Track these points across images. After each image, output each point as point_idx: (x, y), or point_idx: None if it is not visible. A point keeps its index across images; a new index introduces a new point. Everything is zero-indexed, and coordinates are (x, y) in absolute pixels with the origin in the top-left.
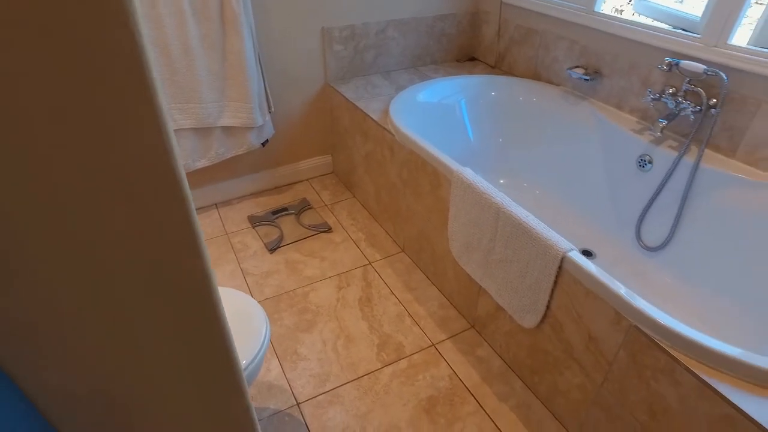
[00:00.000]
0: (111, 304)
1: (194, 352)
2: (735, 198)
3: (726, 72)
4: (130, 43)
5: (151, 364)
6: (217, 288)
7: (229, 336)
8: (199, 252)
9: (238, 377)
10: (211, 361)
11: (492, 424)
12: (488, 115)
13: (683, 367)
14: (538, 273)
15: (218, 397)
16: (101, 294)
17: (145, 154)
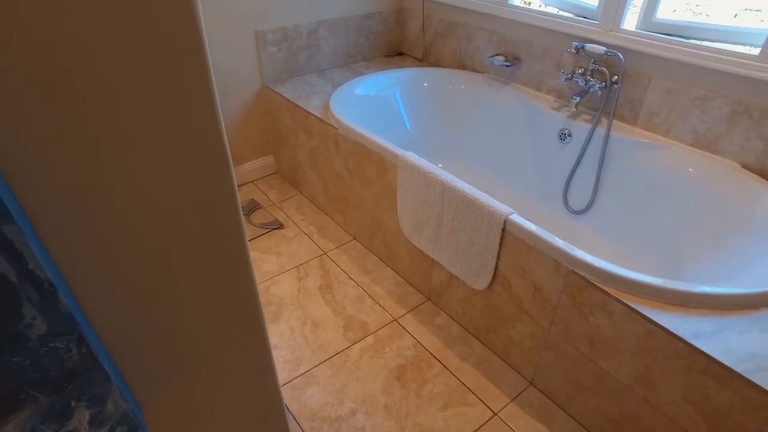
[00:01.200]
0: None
1: (230, 296)
2: (641, 159)
3: (622, 52)
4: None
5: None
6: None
7: (256, 287)
8: (236, 208)
9: (263, 329)
10: (242, 303)
11: (457, 381)
12: (422, 104)
13: (614, 299)
14: (485, 238)
15: (249, 346)
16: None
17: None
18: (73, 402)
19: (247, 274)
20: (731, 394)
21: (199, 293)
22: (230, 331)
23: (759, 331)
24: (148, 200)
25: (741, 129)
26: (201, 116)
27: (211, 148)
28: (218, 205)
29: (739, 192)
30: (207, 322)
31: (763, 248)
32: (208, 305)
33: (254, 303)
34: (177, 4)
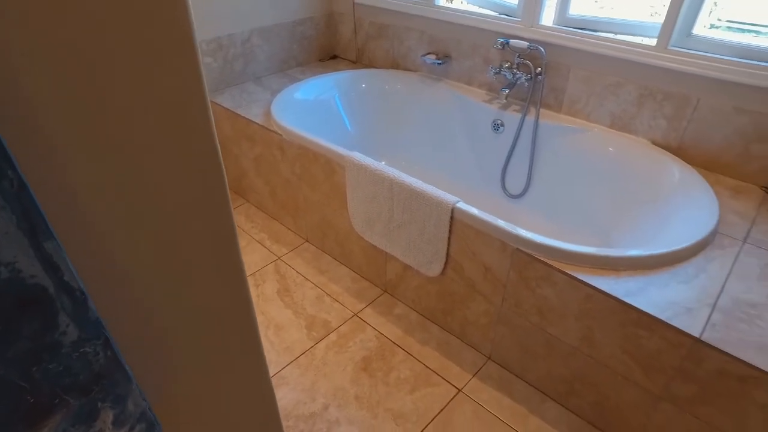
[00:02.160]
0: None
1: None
2: (567, 143)
3: (543, 46)
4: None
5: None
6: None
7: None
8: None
9: (256, 332)
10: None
11: (421, 365)
12: (361, 105)
13: (556, 270)
14: (435, 227)
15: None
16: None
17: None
18: (99, 403)
19: (241, 277)
20: (658, 339)
21: (194, 294)
22: (224, 333)
23: (676, 283)
24: (148, 206)
25: (648, 110)
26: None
27: (207, 154)
28: (214, 209)
29: (651, 166)
30: (202, 324)
31: (673, 212)
32: (204, 308)
33: (247, 305)
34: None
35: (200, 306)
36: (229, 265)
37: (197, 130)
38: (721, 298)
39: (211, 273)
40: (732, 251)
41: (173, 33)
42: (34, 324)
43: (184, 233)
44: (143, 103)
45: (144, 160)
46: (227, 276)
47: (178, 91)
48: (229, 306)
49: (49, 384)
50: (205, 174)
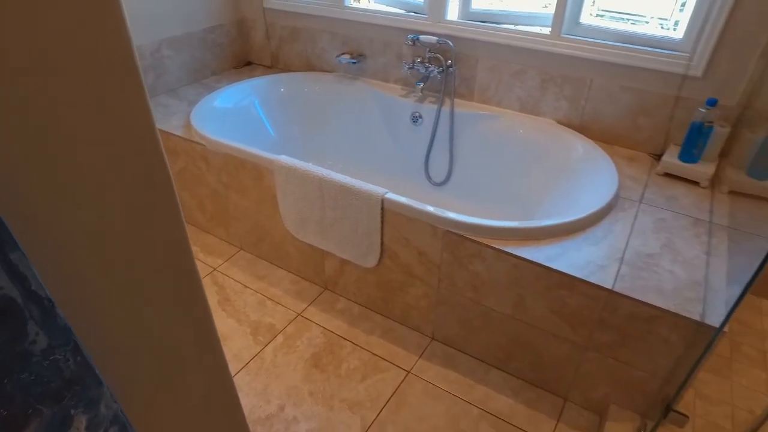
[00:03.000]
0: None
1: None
2: (482, 129)
3: (451, 40)
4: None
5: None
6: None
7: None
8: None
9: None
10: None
11: (369, 353)
12: (281, 109)
13: (485, 246)
14: (367, 220)
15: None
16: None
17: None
18: (72, 410)
19: (194, 278)
20: (579, 296)
21: (151, 295)
22: (181, 330)
23: (588, 245)
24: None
25: (551, 93)
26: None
27: (155, 165)
28: (165, 219)
29: (558, 143)
30: (160, 325)
31: (580, 183)
32: (161, 307)
33: (204, 303)
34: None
35: (158, 306)
36: (181, 268)
37: (141, 138)
38: (626, 253)
39: (166, 274)
40: (631, 212)
41: (111, 47)
42: (4, 335)
43: (135, 237)
44: (90, 124)
45: (97, 177)
46: (180, 278)
47: (121, 108)
48: (185, 304)
49: (22, 395)
50: (154, 179)
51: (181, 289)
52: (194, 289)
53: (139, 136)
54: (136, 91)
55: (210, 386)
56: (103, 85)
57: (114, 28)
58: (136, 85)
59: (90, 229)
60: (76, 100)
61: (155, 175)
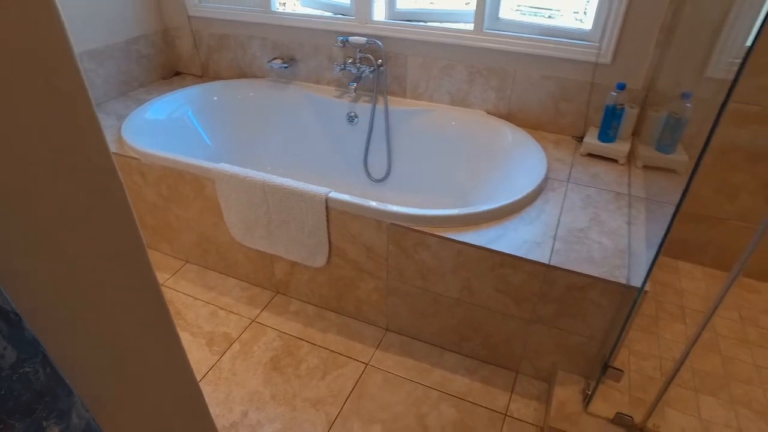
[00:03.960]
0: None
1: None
2: (417, 123)
3: (380, 39)
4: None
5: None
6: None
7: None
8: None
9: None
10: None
11: (327, 351)
12: (216, 117)
13: (429, 235)
14: (313, 220)
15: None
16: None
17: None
18: (44, 422)
19: (153, 283)
20: (521, 273)
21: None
22: (145, 338)
23: (524, 225)
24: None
25: (479, 85)
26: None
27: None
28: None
29: (489, 132)
30: (124, 336)
31: (512, 168)
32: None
33: (168, 318)
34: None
35: (121, 315)
36: (141, 275)
37: (91, 151)
38: (559, 229)
39: (126, 280)
40: (561, 191)
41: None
42: None
43: (95, 248)
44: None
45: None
46: (140, 285)
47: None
48: (148, 311)
49: None
50: (106, 187)
51: (142, 296)
52: (155, 297)
53: (90, 150)
54: (79, 93)
55: (177, 390)
56: (46, 92)
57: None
58: (79, 87)
59: (51, 240)
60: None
61: (108, 184)
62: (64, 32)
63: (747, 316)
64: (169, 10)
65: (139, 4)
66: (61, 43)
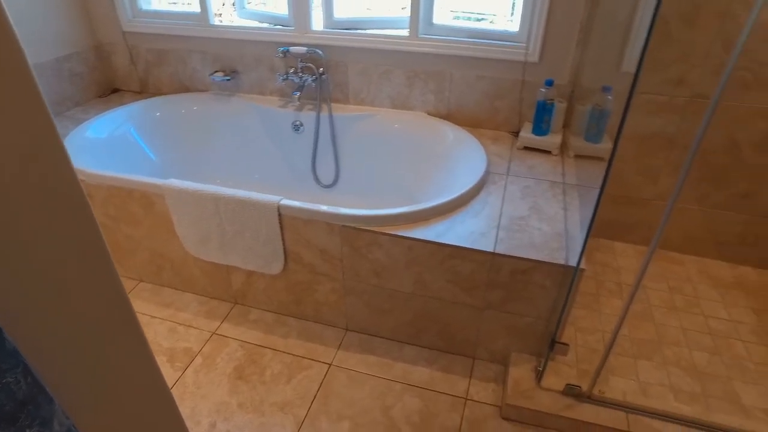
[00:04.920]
0: None
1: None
2: (361, 128)
3: (320, 48)
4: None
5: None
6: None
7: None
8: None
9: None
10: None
11: (290, 356)
12: (160, 133)
13: (380, 234)
14: (267, 228)
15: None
16: None
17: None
18: (28, 430)
19: (120, 291)
20: (469, 262)
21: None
22: (116, 349)
23: (470, 217)
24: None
25: (418, 88)
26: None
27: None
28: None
29: (430, 132)
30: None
31: (455, 165)
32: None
33: (138, 327)
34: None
35: (93, 324)
36: (104, 274)
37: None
38: (501, 219)
39: (94, 289)
40: (501, 184)
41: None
42: None
43: (64, 261)
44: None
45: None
46: (107, 293)
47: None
48: (118, 320)
49: None
50: (66, 194)
51: (110, 305)
52: (124, 306)
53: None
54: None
55: (150, 396)
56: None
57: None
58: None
59: (20, 255)
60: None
61: (68, 190)
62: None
63: (674, 286)
64: (101, 26)
65: (67, 21)
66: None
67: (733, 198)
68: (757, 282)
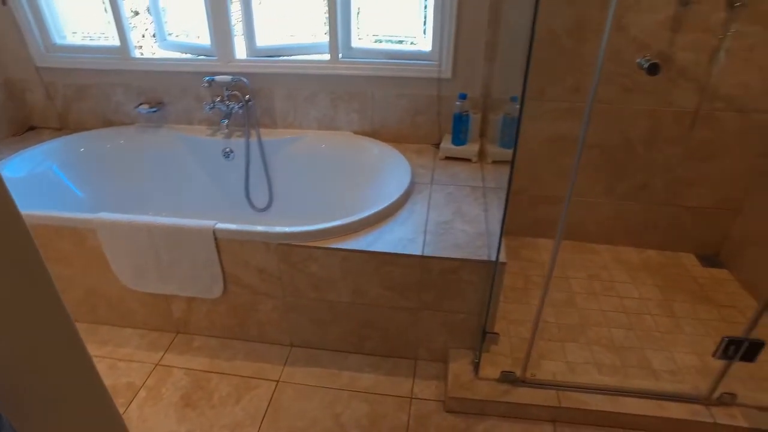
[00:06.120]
0: None
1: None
2: (290, 151)
3: (245, 76)
4: None
5: None
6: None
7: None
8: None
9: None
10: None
11: (237, 378)
12: (86, 169)
13: (314, 248)
14: (204, 253)
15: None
16: None
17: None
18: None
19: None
20: (400, 267)
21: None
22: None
23: (398, 225)
24: None
25: (342, 109)
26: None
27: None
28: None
29: (357, 150)
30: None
31: (383, 178)
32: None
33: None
34: None
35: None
36: (53, 308)
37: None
38: (428, 225)
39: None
40: (426, 193)
41: None
42: None
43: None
44: None
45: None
46: (59, 326)
47: None
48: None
49: None
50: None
51: (58, 332)
52: (75, 340)
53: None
54: None
55: (98, 415)
56: None
57: None
58: None
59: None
60: None
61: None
62: None
63: (592, 274)
64: (11, 62)
65: None
66: None
67: (633, 189)
68: (659, 262)
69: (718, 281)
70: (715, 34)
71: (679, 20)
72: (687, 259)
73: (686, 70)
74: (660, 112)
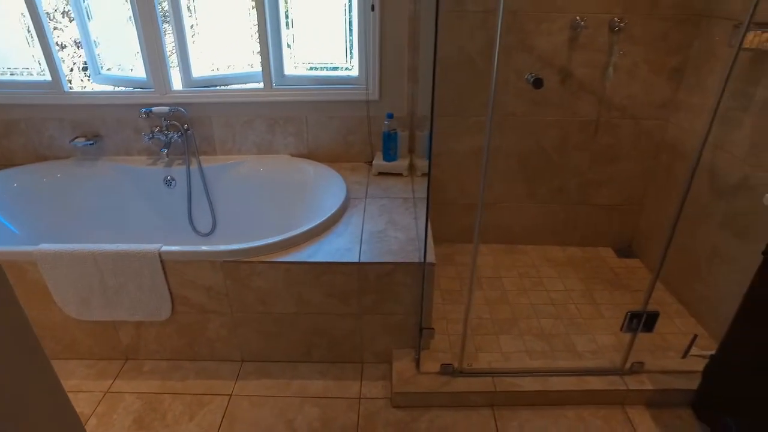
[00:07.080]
0: None
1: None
2: (231, 177)
3: (182, 106)
4: None
5: None
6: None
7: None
8: None
9: None
10: None
11: (190, 396)
12: (21, 205)
13: (257, 263)
14: (150, 276)
15: None
16: None
17: None
18: None
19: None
20: (340, 275)
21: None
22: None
23: (336, 238)
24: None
25: (279, 133)
26: None
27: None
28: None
29: (294, 171)
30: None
31: (320, 195)
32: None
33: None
34: None
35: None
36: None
37: None
38: (363, 234)
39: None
40: (361, 206)
41: None
42: None
43: None
44: None
45: None
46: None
47: None
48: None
49: None
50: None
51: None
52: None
53: None
54: None
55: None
56: None
57: None
58: None
59: None
60: None
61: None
62: None
63: (522, 272)
64: None
65: None
66: None
67: (552, 192)
68: (581, 257)
69: (631, 270)
70: (605, 53)
71: (575, 41)
72: (605, 253)
73: (585, 84)
74: (567, 122)
